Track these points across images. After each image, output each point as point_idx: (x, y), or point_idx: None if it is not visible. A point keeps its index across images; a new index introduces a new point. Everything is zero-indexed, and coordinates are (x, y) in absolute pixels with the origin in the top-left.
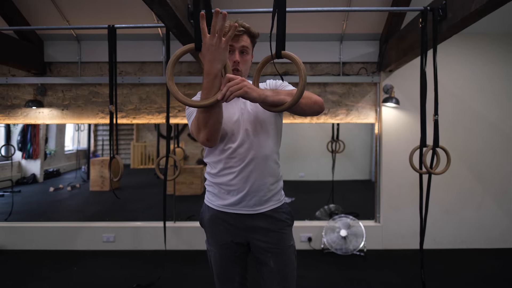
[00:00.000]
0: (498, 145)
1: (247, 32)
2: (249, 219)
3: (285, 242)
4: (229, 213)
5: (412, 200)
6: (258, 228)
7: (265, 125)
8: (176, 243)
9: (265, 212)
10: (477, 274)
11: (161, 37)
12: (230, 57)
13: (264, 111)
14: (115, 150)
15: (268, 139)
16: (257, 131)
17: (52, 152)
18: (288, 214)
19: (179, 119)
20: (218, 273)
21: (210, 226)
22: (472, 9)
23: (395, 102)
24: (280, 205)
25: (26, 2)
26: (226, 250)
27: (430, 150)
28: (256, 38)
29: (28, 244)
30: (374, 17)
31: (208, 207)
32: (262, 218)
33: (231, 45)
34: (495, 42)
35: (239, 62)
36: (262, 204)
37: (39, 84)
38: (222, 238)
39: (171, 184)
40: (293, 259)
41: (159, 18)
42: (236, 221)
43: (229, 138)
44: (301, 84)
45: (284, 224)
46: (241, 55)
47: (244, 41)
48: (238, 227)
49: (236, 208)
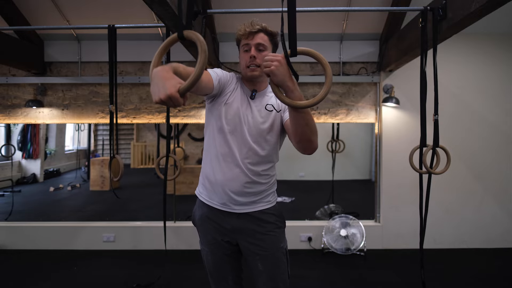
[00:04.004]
0: (498, 145)
1: (263, 30)
2: (235, 219)
3: (275, 245)
4: (216, 210)
5: (412, 200)
6: (245, 229)
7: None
8: (176, 243)
9: (250, 212)
10: (477, 274)
11: (161, 37)
12: (246, 54)
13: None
14: (115, 150)
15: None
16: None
17: (52, 152)
18: (278, 216)
19: (179, 119)
20: (211, 272)
21: (200, 225)
22: (472, 9)
23: (395, 102)
24: (270, 206)
25: (26, 2)
26: (216, 249)
27: (430, 150)
28: (275, 36)
29: (28, 244)
30: (374, 17)
31: (200, 204)
32: (249, 219)
33: (246, 43)
34: (495, 42)
35: (255, 57)
36: (248, 205)
37: (39, 84)
38: (212, 237)
39: (171, 184)
40: (283, 261)
41: (159, 18)
42: (222, 220)
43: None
44: (328, 78)
45: (273, 226)
46: (259, 52)
47: (260, 39)
48: (225, 227)
49: (221, 205)
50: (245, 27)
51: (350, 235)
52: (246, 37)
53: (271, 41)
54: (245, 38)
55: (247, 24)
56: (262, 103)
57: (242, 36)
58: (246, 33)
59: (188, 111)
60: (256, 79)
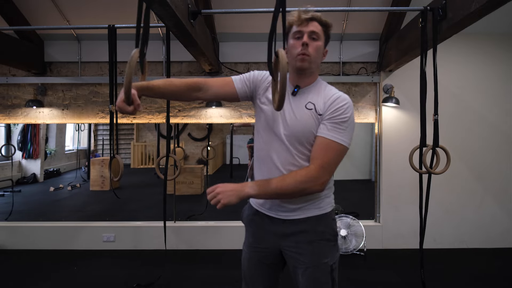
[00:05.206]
0: (498, 145)
1: (317, 19)
2: (280, 225)
3: (317, 258)
4: (262, 214)
5: (412, 199)
6: (289, 237)
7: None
8: (176, 242)
9: (297, 219)
10: (477, 273)
11: (161, 37)
12: (298, 42)
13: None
14: (115, 149)
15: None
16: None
17: (52, 151)
18: (327, 227)
19: (179, 119)
20: (245, 276)
21: (246, 225)
22: (472, 9)
23: (395, 102)
24: (320, 214)
25: (26, 2)
26: (254, 253)
27: (430, 149)
28: (328, 27)
29: (28, 244)
30: (374, 17)
31: (249, 205)
32: (295, 227)
33: (299, 30)
34: (495, 42)
35: (307, 44)
36: (294, 211)
37: (39, 84)
38: (254, 241)
39: (171, 183)
40: (326, 281)
41: (159, 18)
42: (268, 225)
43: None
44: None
45: (319, 236)
46: (311, 40)
47: (314, 27)
48: (269, 233)
49: (267, 210)
50: (299, 13)
51: (350, 235)
52: (299, 24)
53: (325, 33)
54: (298, 25)
55: (301, 10)
56: (302, 101)
57: (295, 23)
58: (300, 20)
59: (188, 111)
60: (304, 72)
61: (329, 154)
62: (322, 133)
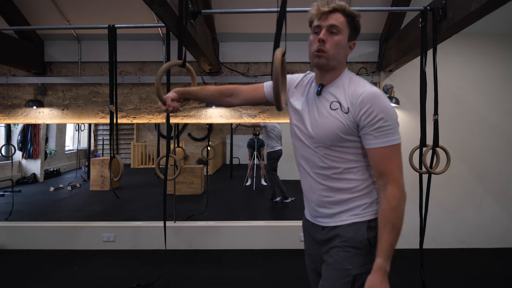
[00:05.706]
0: (498, 145)
1: (340, 10)
2: (320, 232)
3: (341, 261)
4: (309, 221)
5: (412, 199)
6: (326, 245)
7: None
8: (176, 242)
9: (334, 226)
10: (477, 273)
11: (161, 37)
12: (315, 38)
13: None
14: (115, 149)
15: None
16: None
17: (52, 151)
18: (362, 236)
19: (179, 119)
20: (310, 282)
21: (303, 233)
22: (472, 9)
23: (395, 102)
24: (356, 221)
25: (26, 2)
26: (308, 260)
27: (430, 149)
28: (355, 18)
29: (28, 244)
30: (374, 17)
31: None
32: (332, 234)
33: (318, 25)
34: (495, 42)
35: (323, 40)
36: (331, 217)
37: (39, 84)
38: (306, 247)
39: (171, 183)
40: (346, 286)
41: (159, 18)
42: (313, 232)
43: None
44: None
45: (349, 243)
46: (330, 34)
47: (334, 20)
48: (314, 240)
49: (310, 216)
50: (319, 5)
51: None
52: (318, 18)
53: (349, 24)
54: (318, 19)
55: (321, 3)
56: (327, 101)
57: (315, 17)
58: (319, 13)
59: (188, 111)
60: (323, 69)
61: (391, 161)
62: (372, 144)
